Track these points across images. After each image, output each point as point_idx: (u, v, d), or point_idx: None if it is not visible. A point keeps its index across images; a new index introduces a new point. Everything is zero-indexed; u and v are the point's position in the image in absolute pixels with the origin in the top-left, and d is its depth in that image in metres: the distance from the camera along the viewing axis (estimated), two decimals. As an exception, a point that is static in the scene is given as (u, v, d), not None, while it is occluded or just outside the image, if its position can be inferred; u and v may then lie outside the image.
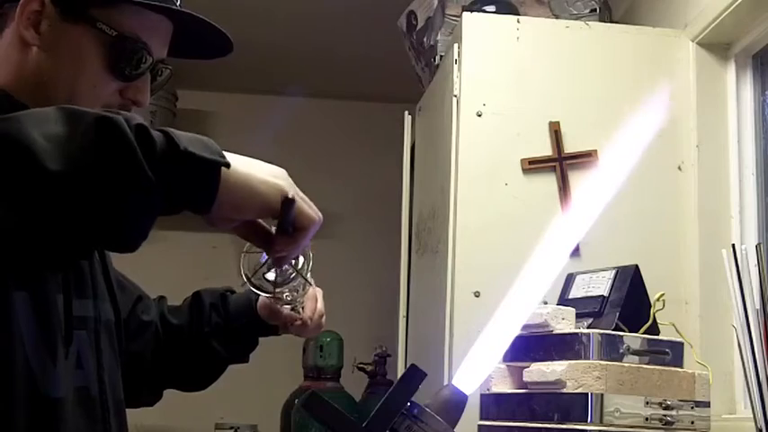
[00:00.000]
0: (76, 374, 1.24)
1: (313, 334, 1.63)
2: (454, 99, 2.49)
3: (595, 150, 2.43)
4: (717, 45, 2.51)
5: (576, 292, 2.03)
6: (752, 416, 1.71)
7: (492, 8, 2.69)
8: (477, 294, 2.37)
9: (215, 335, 1.60)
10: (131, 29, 1.26)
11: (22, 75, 1.24)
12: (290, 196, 1.12)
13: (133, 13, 1.26)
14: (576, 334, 1.78)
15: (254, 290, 1.36)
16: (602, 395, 1.70)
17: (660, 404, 1.74)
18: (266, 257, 1.29)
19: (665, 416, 1.74)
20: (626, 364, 1.75)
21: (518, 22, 2.55)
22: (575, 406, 1.71)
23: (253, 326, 1.63)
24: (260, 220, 1.17)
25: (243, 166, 1.10)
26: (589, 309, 1.96)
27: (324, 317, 1.57)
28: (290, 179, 1.15)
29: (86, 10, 1.24)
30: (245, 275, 1.32)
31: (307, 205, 1.16)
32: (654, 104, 1.20)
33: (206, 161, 1.04)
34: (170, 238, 3.90)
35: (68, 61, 1.24)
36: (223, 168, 1.06)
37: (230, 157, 1.09)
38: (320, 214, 1.17)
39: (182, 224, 4.41)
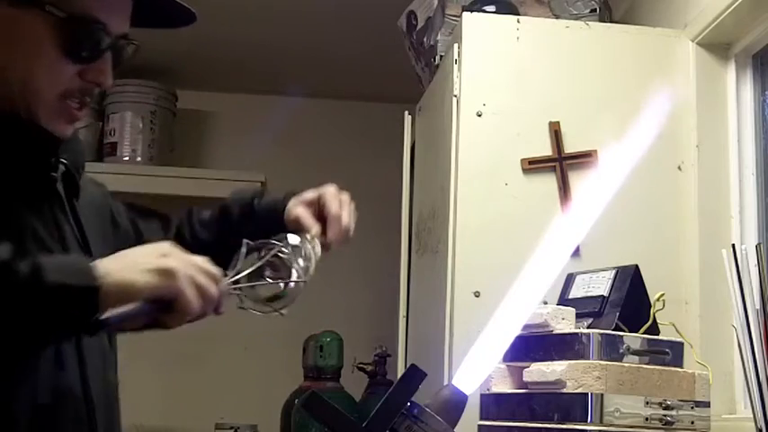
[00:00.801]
0: (58, 377, 1.21)
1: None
2: (454, 99, 2.49)
3: (595, 150, 2.43)
4: (717, 45, 2.50)
5: (575, 292, 2.03)
6: (752, 416, 1.71)
7: (492, 8, 2.69)
8: (477, 294, 2.37)
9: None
10: (84, 8, 1.20)
11: None
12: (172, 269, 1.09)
13: None
14: (576, 334, 1.78)
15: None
16: (602, 395, 1.70)
17: (660, 404, 1.74)
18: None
19: (665, 416, 1.74)
20: (626, 364, 1.75)
21: (518, 22, 2.55)
22: (575, 406, 1.71)
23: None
24: None
25: (116, 270, 1.07)
26: (589, 309, 1.96)
27: (350, 230, 1.52)
28: (174, 249, 1.13)
29: None
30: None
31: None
32: (654, 104, 1.20)
33: (75, 288, 1.04)
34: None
35: (21, 49, 1.19)
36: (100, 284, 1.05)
37: (103, 265, 1.07)
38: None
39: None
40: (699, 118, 2.47)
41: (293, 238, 1.34)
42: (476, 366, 1.13)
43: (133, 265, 1.09)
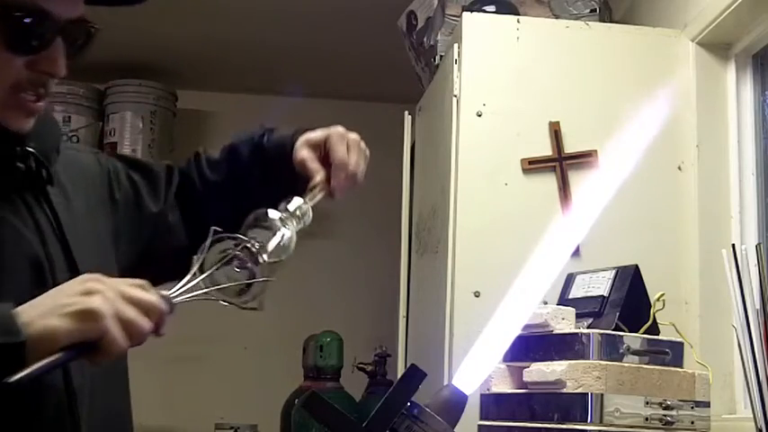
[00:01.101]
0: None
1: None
2: (454, 99, 2.49)
3: (595, 150, 2.43)
4: (717, 45, 2.50)
5: (576, 292, 2.03)
6: (752, 416, 1.71)
7: (492, 8, 2.69)
8: (477, 294, 2.37)
9: (255, 184, 1.48)
10: None
11: None
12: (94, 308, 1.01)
13: None
14: (576, 334, 1.78)
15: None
16: (602, 395, 1.70)
17: (660, 404, 1.74)
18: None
19: (665, 416, 1.74)
20: (626, 364, 1.75)
21: (518, 22, 2.55)
22: (575, 406, 1.71)
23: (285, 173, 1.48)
24: None
25: (37, 317, 1.00)
26: (589, 309, 1.96)
27: (358, 176, 1.48)
28: (99, 283, 1.03)
29: None
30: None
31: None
32: (654, 104, 1.20)
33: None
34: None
35: None
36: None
37: (25, 313, 1.01)
38: None
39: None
40: (699, 118, 2.47)
41: (273, 214, 1.26)
42: (476, 366, 1.13)
43: (54, 310, 1.00)
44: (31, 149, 1.21)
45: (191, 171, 1.51)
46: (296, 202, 1.31)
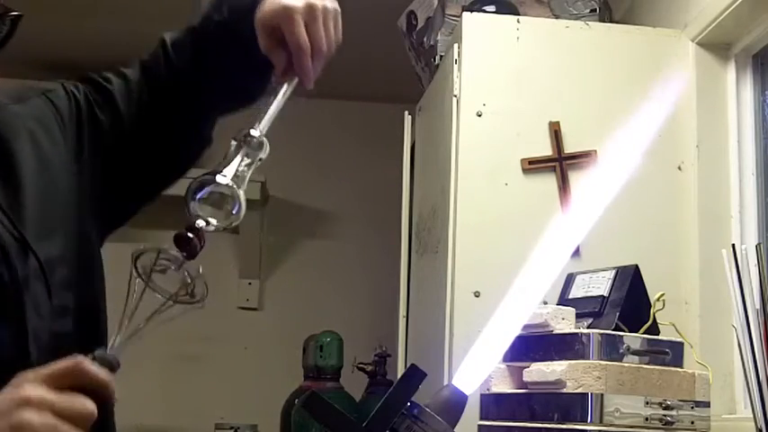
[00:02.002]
0: None
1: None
2: (454, 99, 2.49)
3: (595, 150, 2.43)
4: (717, 45, 2.51)
5: (576, 292, 2.03)
6: (752, 416, 1.71)
7: (492, 8, 2.69)
8: (477, 294, 2.37)
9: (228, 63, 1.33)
10: None
11: None
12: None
13: None
14: (576, 334, 1.78)
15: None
16: (602, 395, 1.70)
17: (660, 404, 1.74)
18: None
19: (665, 416, 1.74)
20: (626, 364, 1.75)
21: (518, 22, 2.55)
22: (575, 406, 1.71)
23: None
24: None
25: None
26: (589, 309, 1.96)
27: (328, 50, 1.30)
28: (33, 389, 0.92)
29: None
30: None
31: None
32: (654, 104, 1.20)
33: None
34: (170, 238, 3.90)
35: None
36: None
37: None
38: None
39: (182, 224, 4.42)
40: (699, 118, 2.47)
41: (221, 180, 1.12)
42: (476, 366, 1.13)
43: None
44: None
45: (158, 60, 1.38)
46: (234, 165, 1.15)
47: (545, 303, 1.90)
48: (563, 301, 2.03)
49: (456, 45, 2.52)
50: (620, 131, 1.15)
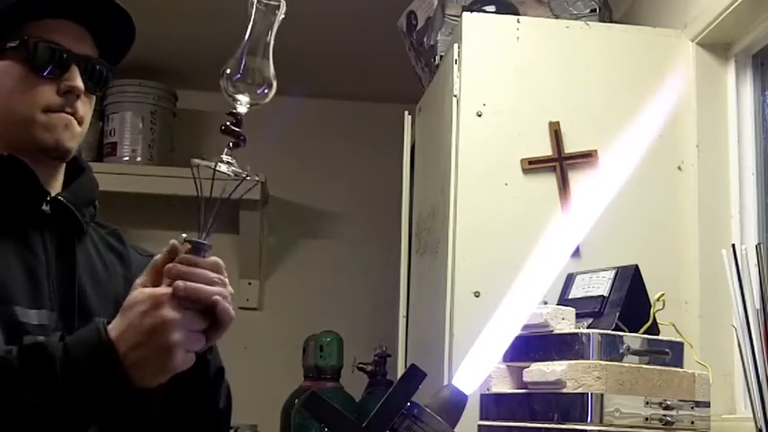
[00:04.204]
0: None
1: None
2: (454, 99, 2.49)
3: (595, 150, 2.43)
4: (717, 45, 2.50)
5: (576, 292, 2.03)
6: (752, 416, 1.71)
7: (492, 8, 2.69)
8: (477, 294, 2.37)
9: None
10: (37, 33, 1.38)
11: None
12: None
13: (35, 28, 1.38)
14: (576, 334, 1.78)
15: None
16: (602, 395, 1.70)
17: (660, 404, 1.74)
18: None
19: (665, 416, 1.74)
20: (626, 364, 1.75)
21: (518, 22, 2.55)
22: (575, 406, 1.71)
23: None
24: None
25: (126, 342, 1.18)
26: (589, 309, 1.96)
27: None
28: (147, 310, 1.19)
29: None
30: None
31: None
32: (654, 104, 1.20)
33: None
34: (170, 238, 3.90)
35: (3, 88, 1.38)
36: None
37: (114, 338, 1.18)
38: None
39: (182, 224, 4.42)
40: (699, 118, 2.47)
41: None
42: (476, 366, 1.13)
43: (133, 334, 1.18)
44: (61, 198, 1.41)
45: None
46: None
47: (545, 303, 1.90)
48: (563, 301, 2.03)
49: (456, 45, 2.52)
50: (620, 131, 1.15)
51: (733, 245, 1.79)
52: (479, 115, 2.47)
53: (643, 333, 1.84)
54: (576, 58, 2.53)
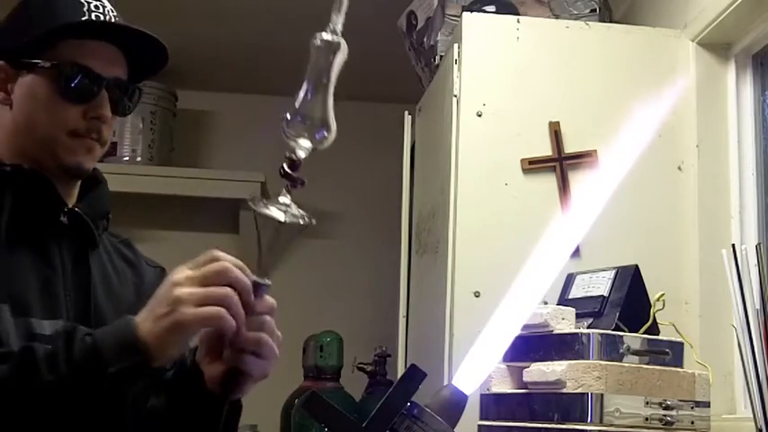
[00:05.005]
0: None
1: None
2: (454, 99, 2.49)
3: (595, 150, 2.43)
4: (717, 45, 2.51)
5: (576, 292, 2.03)
6: (752, 416, 1.71)
7: (492, 8, 2.69)
8: (477, 294, 2.37)
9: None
10: (69, 57, 1.40)
11: (9, 132, 1.42)
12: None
13: (69, 47, 1.40)
14: (576, 334, 1.78)
15: None
16: (602, 395, 1.70)
17: (660, 404, 1.74)
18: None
19: (665, 416, 1.74)
20: (626, 364, 1.75)
21: (518, 22, 2.55)
22: (575, 406, 1.71)
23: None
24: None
25: (150, 331, 1.17)
26: (589, 309, 1.96)
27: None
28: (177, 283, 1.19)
29: (32, 58, 1.40)
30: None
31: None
32: (654, 104, 1.20)
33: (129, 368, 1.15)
34: (170, 237, 3.90)
35: (31, 105, 1.41)
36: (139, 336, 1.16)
37: (138, 325, 1.17)
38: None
39: (182, 224, 4.42)
40: (699, 118, 2.47)
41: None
42: (476, 366, 1.13)
43: (154, 316, 1.18)
44: (77, 210, 1.43)
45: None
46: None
47: (545, 303, 1.90)
48: (563, 301, 2.03)
49: (456, 45, 2.52)
50: (620, 131, 1.15)
51: (733, 245, 1.79)
52: (479, 115, 2.47)
53: (643, 333, 1.84)
54: (575, 58, 2.53)
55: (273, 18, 3.60)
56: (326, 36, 1.26)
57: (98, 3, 1.43)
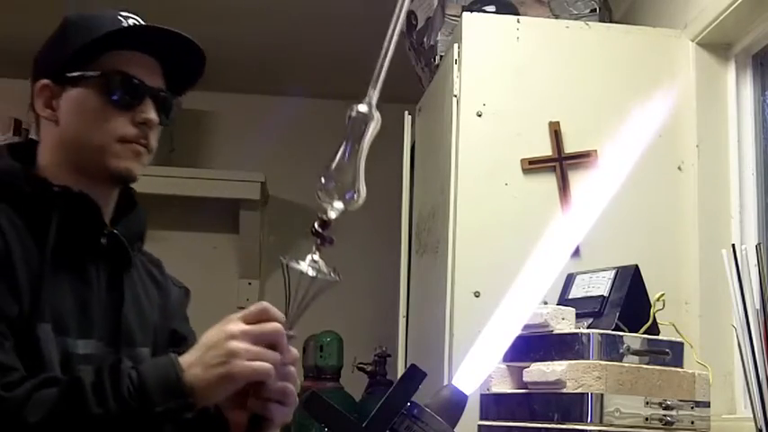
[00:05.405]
0: None
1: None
2: (454, 99, 2.49)
3: (595, 150, 2.43)
4: (717, 45, 2.51)
5: (576, 292, 2.03)
6: (752, 416, 1.71)
7: (492, 8, 2.69)
8: (477, 294, 2.37)
9: None
10: (114, 66, 1.45)
11: (56, 148, 1.46)
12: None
13: (111, 58, 1.45)
14: (576, 334, 1.78)
15: None
16: (602, 395, 1.70)
17: (660, 404, 1.74)
18: None
19: (665, 416, 1.74)
20: (626, 364, 1.75)
21: (518, 22, 2.55)
22: (575, 406, 1.71)
23: None
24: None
25: (199, 377, 1.23)
26: (589, 309, 1.96)
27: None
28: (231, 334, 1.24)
29: (77, 72, 1.45)
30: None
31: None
32: (654, 104, 1.20)
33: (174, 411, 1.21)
34: (170, 238, 3.90)
35: (80, 116, 1.45)
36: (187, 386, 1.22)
37: (185, 368, 1.23)
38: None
39: (182, 224, 4.42)
40: (699, 118, 2.47)
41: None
42: (476, 366, 1.13)
43: (205, 363, 1.24)
44: (116, 232, 1.47)
45: None
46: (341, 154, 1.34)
47: (545, 303, 1.90)
48: (563, 301, 2.03)
49: (456, 45, 2.52)
50: (620, 131, 1.15)
51: (733, 245, 1.79)
52: (479, 115, 2.47)
53: (643, 333, 1.84)
54: (575, 58, 2.53)
55: (274, 18, 3.60)
56: (362, 108, 1.33)
57: (135, 19, 1.50)
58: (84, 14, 1.49)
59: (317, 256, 1.30)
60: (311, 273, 1.28)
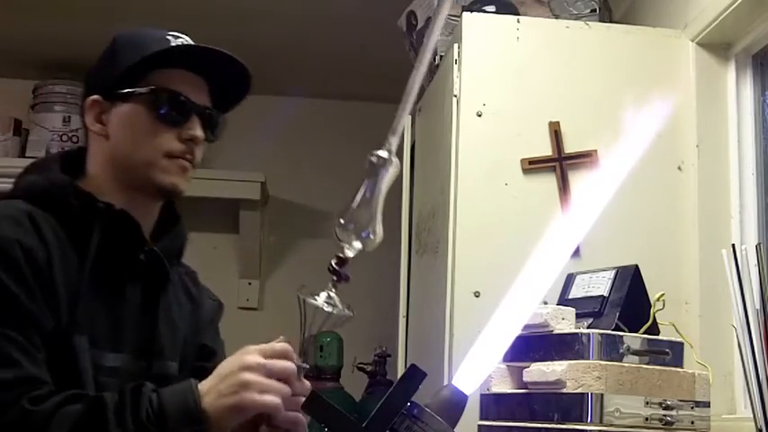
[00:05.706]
0: None
1: None
2: (454, 99, 2.49)
3: (595, 150, 2.43)
4: (717, 45, 2.50)
5: (576, 292, 2.03)
6: (752, 416, 1.71)
7: (492, 8, 2.69)
8: (477, 294, 2.37)
9: None
10: (162, 83, 1.50)
11: (105, 162, 1.51)
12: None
13: (159, 76, 1.50)
14: (576, 334, 1.78)
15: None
16: (602, 395, 1.70)
17: (660, 404, 1.74)
18: None
19: (665, 416, 1.74)
20: (626, 364, 1.75)
21: (518, 22, 2.55)
22: (575, 406, 1.71)
23: None
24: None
25: (212, 405, 1.29)
26: (589, 309, 1.96)
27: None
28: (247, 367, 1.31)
29: (126, 88, 1.49)
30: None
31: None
32: (654, 104, 1.20)
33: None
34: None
35: (129, 131, 1.50)
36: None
37: (202, 395, 1.29)
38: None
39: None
40: (699, 118, 2.47)
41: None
42: (476, 366, 1.13)
43: (220, 394, 1.30)
44: (156, 249, 1.51)
45: None
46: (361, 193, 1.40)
47: (545, 303, 1.90)
48: (563, 301, 2.03)
49: (456, 45, 2.52)
50: (620, 131, 1.15)
51: (733, 245, 1.79)
52: (479, 115, 2.47)
53: (643, 333, 1.84)
54: (575, 58, 2.53)
55: (274, 18, 3.60)
56: (382, 153, 1.36)
57: (182, 38, 1.54)
58: (134, 33, 1.54)
59: (333, 293, 1.34)
60: (327, 308, 1.31)
